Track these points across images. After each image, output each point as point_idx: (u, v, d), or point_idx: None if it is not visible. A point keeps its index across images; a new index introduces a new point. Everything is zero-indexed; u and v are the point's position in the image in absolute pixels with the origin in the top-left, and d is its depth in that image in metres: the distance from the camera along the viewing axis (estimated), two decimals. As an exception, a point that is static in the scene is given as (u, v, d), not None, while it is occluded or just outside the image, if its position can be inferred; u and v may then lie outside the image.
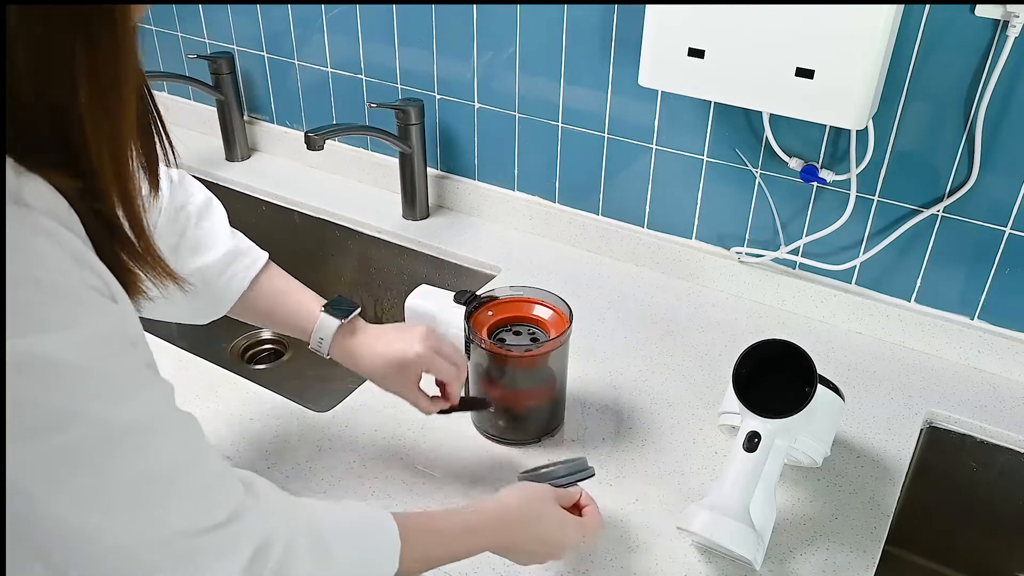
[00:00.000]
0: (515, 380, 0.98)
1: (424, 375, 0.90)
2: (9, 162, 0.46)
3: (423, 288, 1.10)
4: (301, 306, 0.91)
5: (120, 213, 0.52)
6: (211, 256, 0.88)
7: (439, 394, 0.93)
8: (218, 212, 0.92)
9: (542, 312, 1.01)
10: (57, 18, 0.43)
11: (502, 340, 0.98)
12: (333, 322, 0.89)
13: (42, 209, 0.46)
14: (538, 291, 1.03)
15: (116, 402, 0.48)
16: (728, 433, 1.02)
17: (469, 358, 0.98)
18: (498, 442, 1.01)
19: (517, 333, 0.99)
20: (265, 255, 0.93)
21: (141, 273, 0.57)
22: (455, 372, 0.91)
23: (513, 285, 1.04)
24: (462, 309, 1.00)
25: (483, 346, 0.95)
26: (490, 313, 1.01)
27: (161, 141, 0.58)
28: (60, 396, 0.45)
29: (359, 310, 0.91)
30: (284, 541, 0.56)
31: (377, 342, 0.90)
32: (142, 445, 0.49)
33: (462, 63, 1.38)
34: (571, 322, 0.98)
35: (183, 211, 0.88)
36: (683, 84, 1.06)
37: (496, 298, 1.02)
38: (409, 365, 0.88)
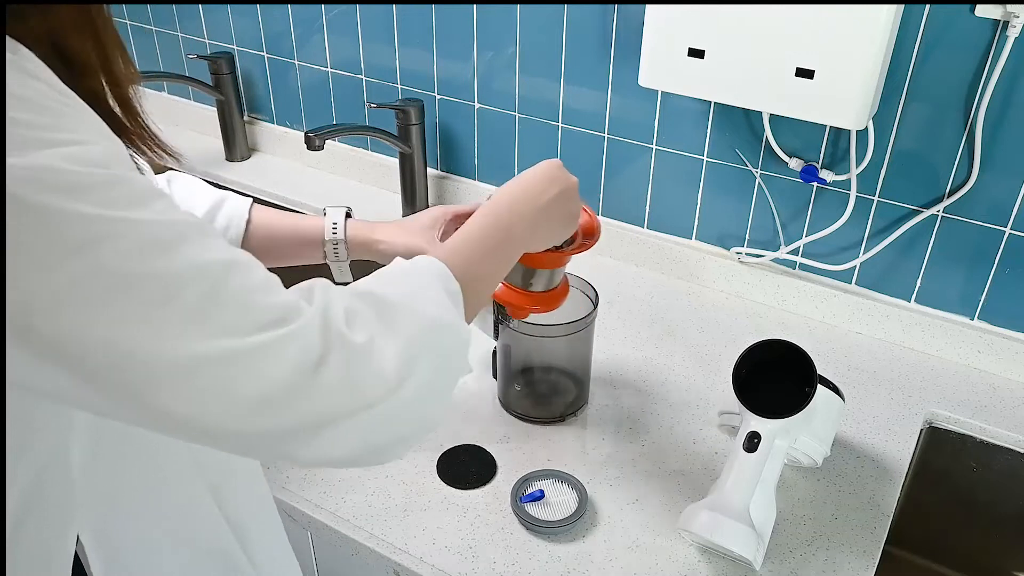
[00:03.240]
0: (549, 279, 0.93)
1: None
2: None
3: None
4: (301, 218, 0.96)
5: (109, 97, 0.54)
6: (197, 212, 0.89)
7: None
8: (186, 177, 0.93)
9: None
10: None
11: None
12: (340, 210, 0.95)
13: (35, 60, 0.47)
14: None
15: (138, 207, 0.46)
16: (728, 433, 1.02)
17: (497, 337, 1.02)
18: (524, 420, 1.04)
19: None
20: (248, 199, 0.95)
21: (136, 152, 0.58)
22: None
23: None
24: None
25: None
26: None
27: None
28: (90, 207, 0.43)
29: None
30: (342, 314, 0.54)
31: (393, 220, 0.97)
32: (166, 247, 0.47)
33: (462, 63, 1.38)
34: (596, 305, 1.01)
35: None
36: (683, 84, 1.06)
37: None
38: (434, 218, 0.95)
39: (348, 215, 0.95)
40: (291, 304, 0.51)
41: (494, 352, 1.06)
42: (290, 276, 0.66)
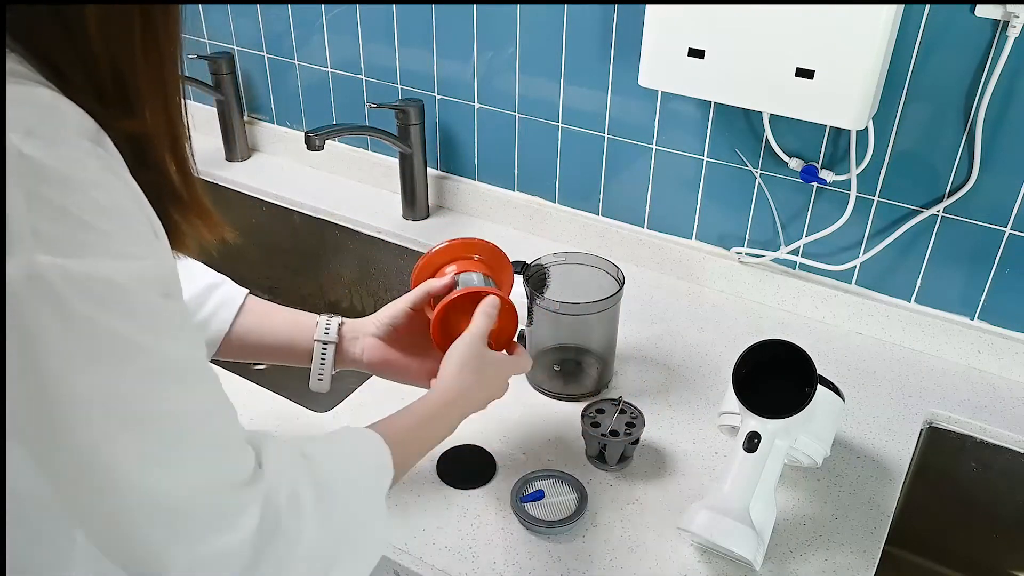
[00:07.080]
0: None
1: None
2: (87, 115, 0.48)
3: None
4: (297, 315, 0.94)
5: (172, 168, 0.55)
6: (187, 292, 0.86)
7: None
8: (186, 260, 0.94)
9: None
10: None
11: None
12: (335, 318, 0.94)
13: (116, 156, 0.49)
14: (588, 256, 1.09)
15: (170, 337, 0.48)
16: (728, 433, 1.02)
17: (531, 323, 1.08)
18: (555, 398, 1.08)
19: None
20: (244, 290, 0.94)
21: (187, 229, 0.60)
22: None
23: (557, 252, 1.11)
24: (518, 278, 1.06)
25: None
26: None
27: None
28: (124, 323, 0.46)
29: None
30: (288, 493, 0.56)
31: (372, 323, 0.97)
32: (184, 384, 0.50)
33: (462, 63, 1.38)
34: (622, 285, 1.05)
35: None
36: (683, 84, 1.06)
37: (543, 267, 1.10)
38: (393, 315, 0.94)
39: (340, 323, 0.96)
40: (253, 462, 0.54)
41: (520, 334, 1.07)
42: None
